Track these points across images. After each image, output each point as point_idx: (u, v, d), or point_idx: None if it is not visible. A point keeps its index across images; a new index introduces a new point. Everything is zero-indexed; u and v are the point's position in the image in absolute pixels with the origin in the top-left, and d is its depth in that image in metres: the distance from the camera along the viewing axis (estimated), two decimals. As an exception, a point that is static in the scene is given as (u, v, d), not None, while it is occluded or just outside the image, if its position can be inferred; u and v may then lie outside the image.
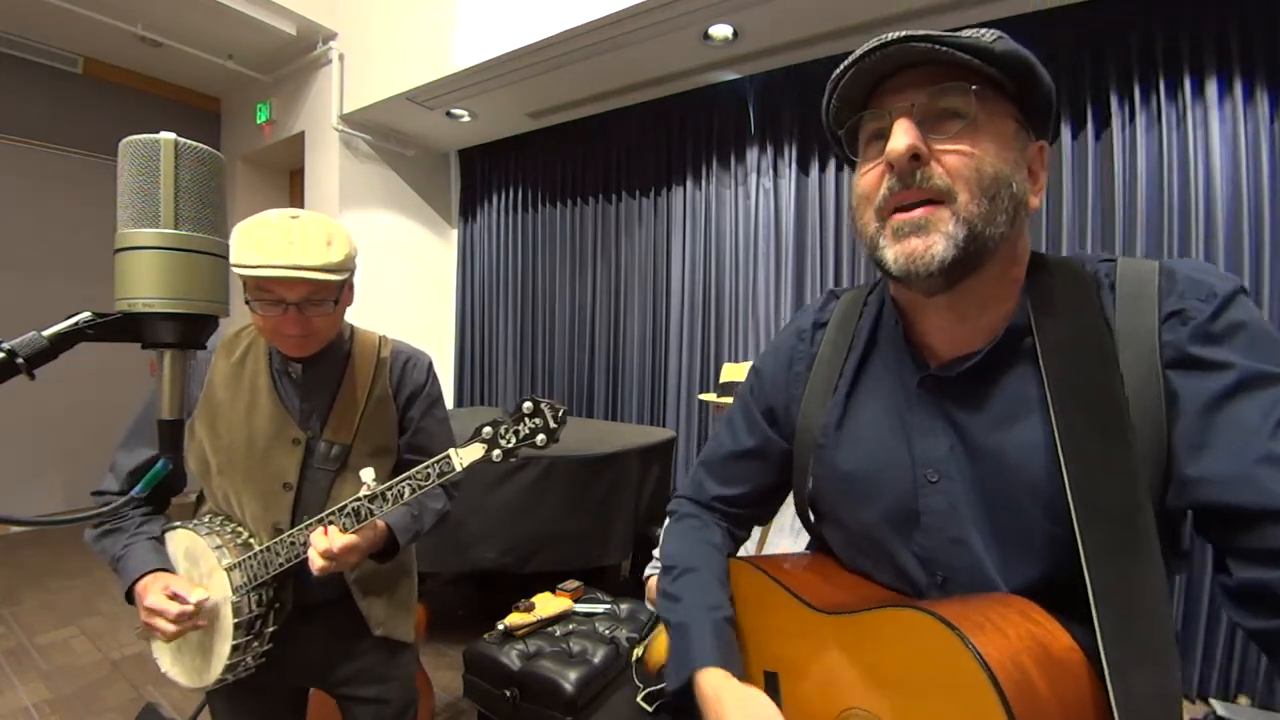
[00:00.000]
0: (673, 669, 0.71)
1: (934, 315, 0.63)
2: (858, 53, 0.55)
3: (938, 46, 0.52)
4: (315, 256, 0.94)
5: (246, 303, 0.97)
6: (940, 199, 0.54)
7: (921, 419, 0.63)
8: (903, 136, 0.54)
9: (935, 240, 0.54)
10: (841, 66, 0.57)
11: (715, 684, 0.65)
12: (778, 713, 0.61)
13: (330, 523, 0.97)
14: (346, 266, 1.00)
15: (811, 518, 0.77)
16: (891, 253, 0.56)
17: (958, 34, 0.53)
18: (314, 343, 1.04)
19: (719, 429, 0.86)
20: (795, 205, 3.04)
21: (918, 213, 0.55)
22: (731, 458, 0.82)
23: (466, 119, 3.70)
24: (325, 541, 0.93)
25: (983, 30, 0.55)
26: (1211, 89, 2.15)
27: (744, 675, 0.67)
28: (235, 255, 0.93)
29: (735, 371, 1.50)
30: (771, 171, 3.12)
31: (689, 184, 3.42)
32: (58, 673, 2.33)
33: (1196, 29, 2.17)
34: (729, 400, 1.44)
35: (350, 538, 0.95)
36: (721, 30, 2.61)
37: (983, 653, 0.47)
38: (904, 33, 0.53)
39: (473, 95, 3.34)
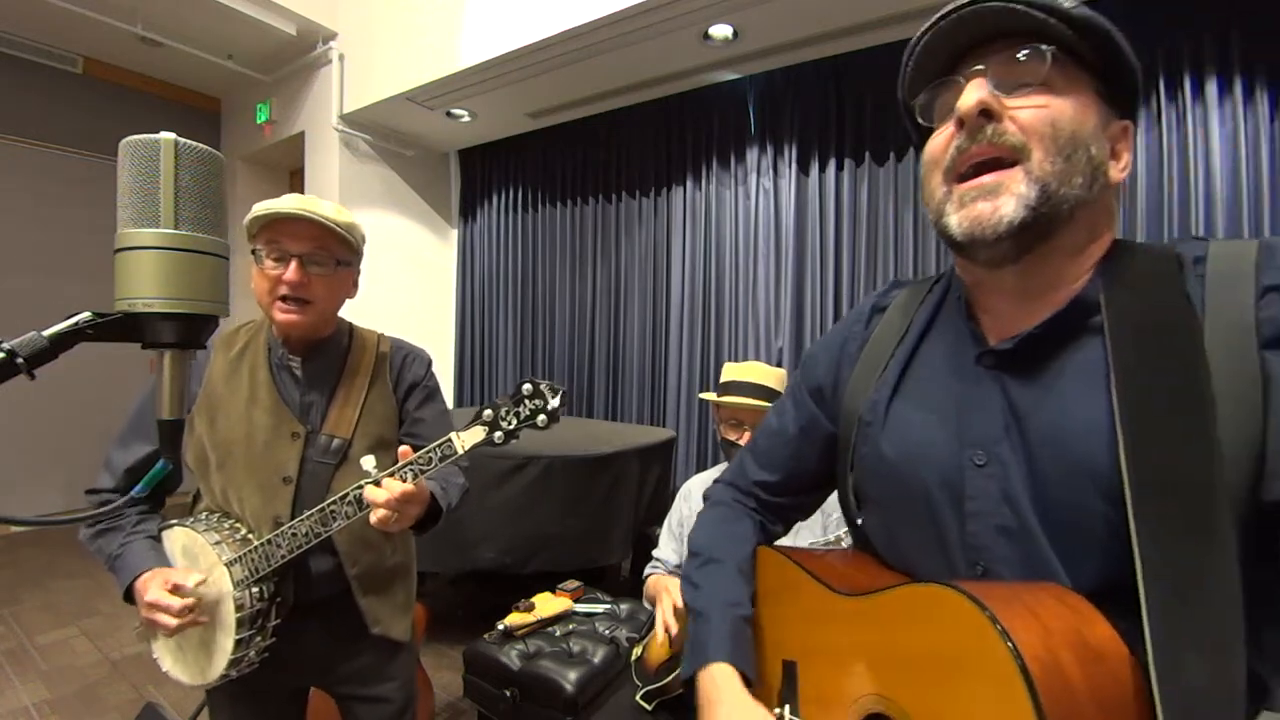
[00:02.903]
0: (689, 656, 0.70)
1: (1000, 293, 0.59)
2: (933, 19, 0.54)
3: (1013, 5, 0.51)
4: (326, 209, 1.01)
5: (253, 252, 1.02)
6: (1013, 157, 0.52)
7: (976, 397, 0.59)
8: (973, 92, 0.53)
9: (1005, 202, 0.51)
10: (916, 35, 0.56)
11: (721, 683, 0.65)
12: None
13: (332, 511, 0.97)
14: (352, 232, 1.06)
15: (856, 506, 0.72)
16: (955, 219, 0.54)
17: None
18: (310, 313, 1.04)
19: (768, 414, 0.84)
20: (795, 205, 3.04)
21: (987, 178, 0.53)
22: (777, 440, 0.80)
23: (466, 119, 3.70)
24: (384, 493, 0.91)
25: None
26: (1211, 89, 2.15)
27: (757, 672, 0.67)
28: (251, 213, 1.00)
29: (736, 371, 1.50)
30: (771, 171, 3.12)
31: (689, 184, 3.42)
32: (58, 673, 2.33)
33: (1196, 29, 2.17)
34: (729, 400, 1.44)
35: (407, 485, 0.92)
36: (721, 30, 2.61)
37: (1014, 636, 0.42)
38: None
39: (473, 95, 3.34)
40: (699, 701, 0.66)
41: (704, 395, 1.58)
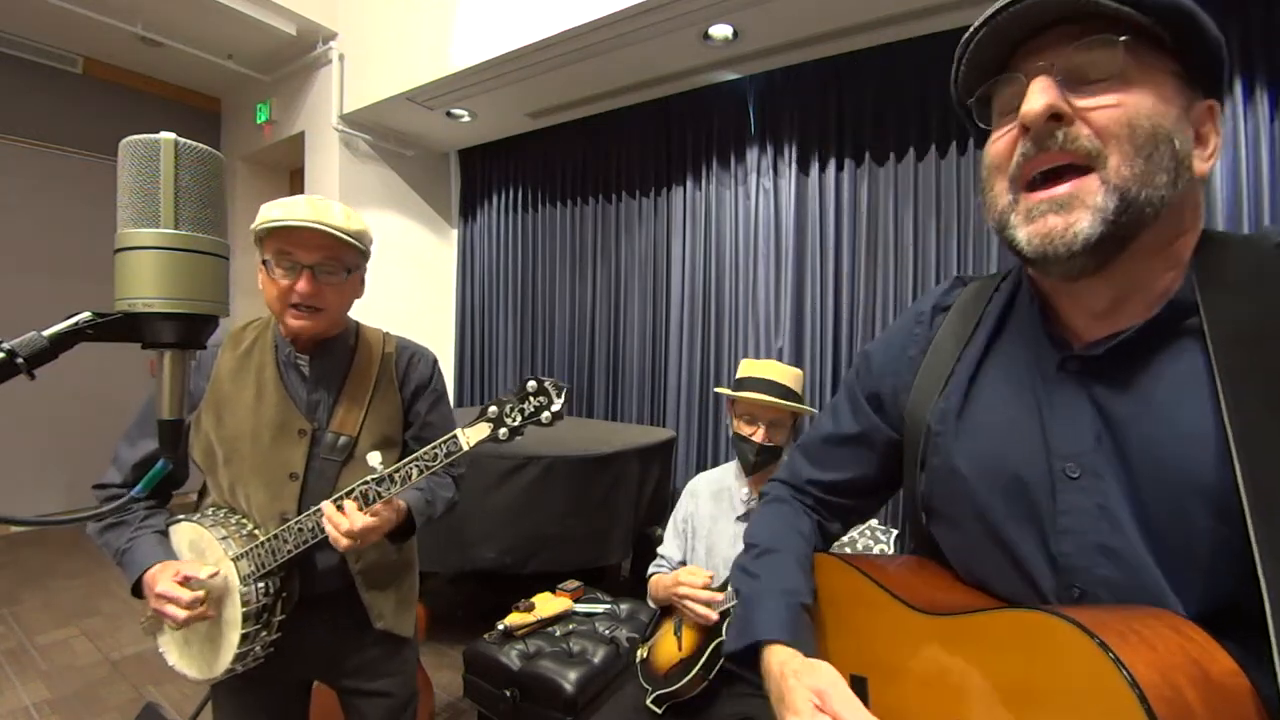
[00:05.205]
0: (734, 633, 0.68)
1: (1081, 298, 0.54)
2: (989, 10, 0.48)
3: None
4: (336, 219, 1.01)
5: (263, 262, 1.02)
6: (1087, 164, 0.47)
7: (1062, 405, 0.54)
8: (1039, 95, 0.47)
9: (1079, 217, 0.47)
10: (971, 28, 0.50)
11: (783, 659, 0.62)
12: (844, 682, 0.56)
13: (340, 505, 0.98)
14: (363, 239, 1.06)
15: (924, 518, 0.68)
16: (1024, 233, 0.50)
17: None
18: (321, 320, 1.06)
19: (821, 414, 0.81)
20: (795, 205, 3.04)
21: (1061, 189, 0.48)
22: (831, 442, 0.77)
23: (466, 119, 3.70)
24: (346, 522, 0.93)
25: None
26: (1211, 89, 2.15)
27: None
28: (260, 218, 1.00)
29: (754, 368, 1.50)
30: (771, 171, 3.12)
31: (689, 184, 3.41)
32: (58, 673, 2.33)
33: (1196, 29, 2.17)
34: (746, 395, 1.44)
35: (369, 519, 0.95)
36: (721, 30, 2.61)
37: (1130, 667, 0.39)
38: None
39: (473, 95, 3.34)
40: (765, 682, 0.63)
41: (720, 389, 1.59)
